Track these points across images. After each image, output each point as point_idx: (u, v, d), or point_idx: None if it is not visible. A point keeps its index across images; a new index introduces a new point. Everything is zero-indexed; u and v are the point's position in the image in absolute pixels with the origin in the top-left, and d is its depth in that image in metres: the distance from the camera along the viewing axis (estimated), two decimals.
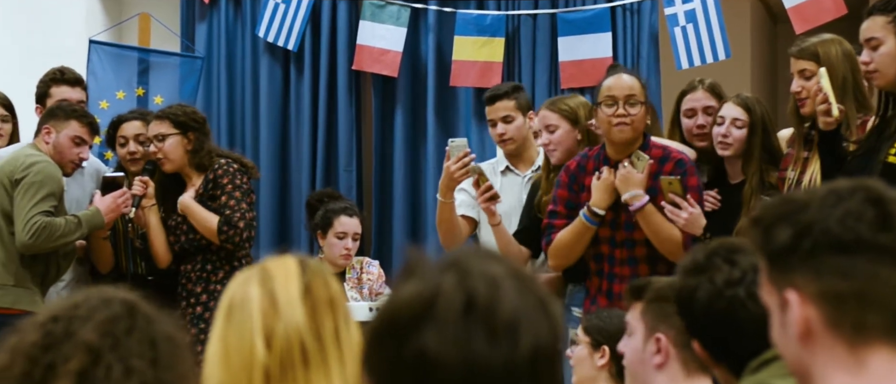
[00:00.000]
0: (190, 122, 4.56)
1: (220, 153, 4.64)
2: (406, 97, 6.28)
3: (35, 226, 4.16)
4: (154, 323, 1.56)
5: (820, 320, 1.34)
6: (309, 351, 1.73)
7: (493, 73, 6.06)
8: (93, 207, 4.38)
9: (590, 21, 5.96)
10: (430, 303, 1.25)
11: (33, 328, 1.52)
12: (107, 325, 1.51)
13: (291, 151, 6.36)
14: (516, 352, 1.24)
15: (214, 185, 4.51)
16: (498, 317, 1.24)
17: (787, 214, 1.38)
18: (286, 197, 6.35)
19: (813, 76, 3.73)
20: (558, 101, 4.37)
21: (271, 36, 6.26)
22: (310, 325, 1.75)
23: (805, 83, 3.78)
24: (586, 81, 5.84)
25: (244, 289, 1.77)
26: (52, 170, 4.28)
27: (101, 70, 5.93)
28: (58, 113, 4.42)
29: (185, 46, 6.36)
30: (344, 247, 5.00)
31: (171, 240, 4.60)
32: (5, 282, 4.22)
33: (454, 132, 6.24)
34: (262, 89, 6.34)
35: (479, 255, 1.30)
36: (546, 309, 1.29)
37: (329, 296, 1.79)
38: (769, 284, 1.40)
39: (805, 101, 3.78)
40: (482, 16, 6.11)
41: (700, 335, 2.08)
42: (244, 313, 1.75)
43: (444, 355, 1.23)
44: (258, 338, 1.73)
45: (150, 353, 1.52)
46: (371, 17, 6.16)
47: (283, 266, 1.80)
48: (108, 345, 1.50)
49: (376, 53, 6.17)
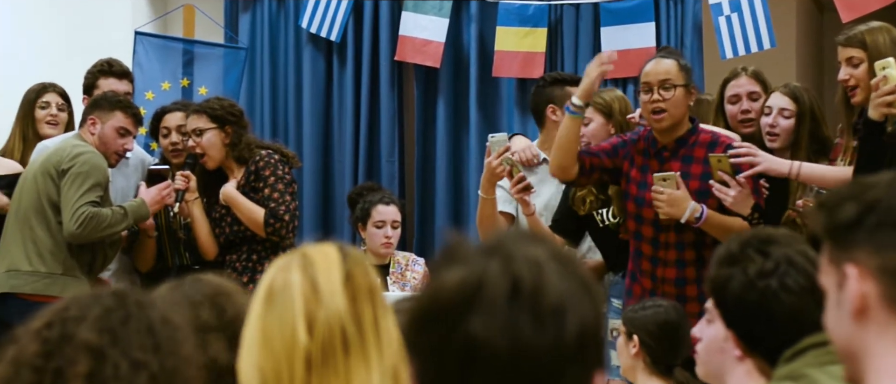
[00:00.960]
0: (227, 115, 4.58)
1: (260, 144, 4.66)
2: (448, 88, 6.28)
3: (82, 216, 4.20)
4: (147, 308, 1.56)
5: (877, 295, 1.34)
6: (349, 338, 1.73)
7: (535, 64, 6.04)
8: (138, 199, 4.42)
9: (633, 10, 5.93)
10: (476, 288, 1.26)
11: (30, 337, 1.52)
12: (102, 321, 1.51)
13: (334, 142, 6.38)
14: (563, 336, 1.25)
15: (256, 177, 4.53)
16: (544, 302, 1.25)
17: (853, 194, 1.39)
18: (329, 187, 6.38)
19: (860, 64, 3.70)
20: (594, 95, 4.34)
21: (314, 27, 6.28)
22: (350, 313, 1.75)
23: (852, 71, 3.74)
24: (629, 71, 5.80)
25: (285, 275, 1.77)
26: (98, 160, 4.32)
27: (147, 61, 5.98)
28: (102, 103, 4.46)
29: (228, 37, 6.39)
30: (384, 235, 5.02)
31: (216, 231, 4.63)
32: (54, 271, 4.26)
33: (496, 123, 6.23)
34: (304, 80, 6.36)
35: (521, 239, 1.31)
36: (589, 291, 1.29)
37: (369, 284, 1.80)
38: (829, 263, 1.41)
39: (855, 91, 3.74)
40: (525, 6, 6.10)
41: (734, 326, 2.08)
42: (286, 298, 1.75)
43: (491, 341, 1.23)
44: (300, 324, 1.73)
45: (150, 340, 1.52)
46: (413, 7, 6.17)
47: (323, 253, 1.80)
48: (108, 341, 1.49)
49: (419, 44, 6.17)
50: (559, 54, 6.12)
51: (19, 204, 4.31)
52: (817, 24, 8.00)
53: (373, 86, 6.33)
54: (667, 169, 3.90)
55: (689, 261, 3.87)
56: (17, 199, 4.32)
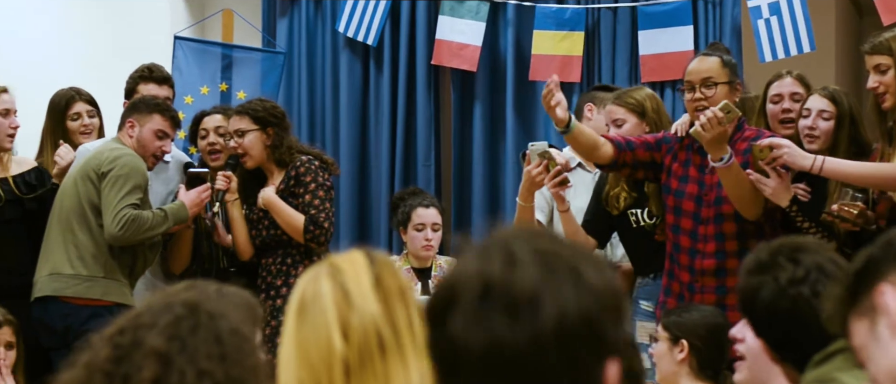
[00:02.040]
0: (269, 117, 4.60)
1: (301, 149, 4.67)
2: (485, 92, 6.28)
3: (124, 219, 4.23)
4: (217, 318, 1.58)
5: None
6: (385, 340, 1.74)
7: (572, 68, 6.03)
8: (178, 201, 4.44)
9: (671, 14, 5.90)
10: (452, 289, 1.27)
11: (103, 343, 1.54)
12: (172, 329, 1.53)
13: (371, 146, 6.40)
14: (538, 327, 1.22)
15: (297, 183, 4.55)
16: (514, 295, 1.23)
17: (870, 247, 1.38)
18: (365, 191, 6.40)
19: (888, 70, 3.68)
20: (624, 95, 4.34)
21: (351, 31, 6.30)
22: (384, 315, 1.76)
23: (881, 78, 3.73)
24: (667, 75, 5.80)
25: (315, 285, 1.78)
26: (137, 163, 4.35)
27: (186, 65, 6.02)
28: (141, 107, 4.48)
29: (266, 42, 6.43)
30: (424, 238, 5.03)
31: (253, 233, 4.65)
32: (95, 274, 4.29)
33: (533, 127, 6.22)
34: (341, 84, 6.39)
35: (509, 236, 1.29)
36: (579, 279, 1.25)
37: (399, 286, 1.80)
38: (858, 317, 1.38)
39: (885, 96, 3.73)
40: (562, 10, 6.09)
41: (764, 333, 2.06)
42: (318, 308, 1.76)
43: (468, 340, 1.23)
44: (335, 332, 1.73)
45: (218, 350, 1.54)
46: (450, 11, 6.18)
47: (350, 260, 1.81)
48: (176, 348, 1.51)
49: (455, 48, 6.18)
50: (596, 58, 6.11)
51: (61, 208, 4.34)
52: (856, 28, 7.93)
53: (409, 90, 6.34)
54: (708, 163, 3.88)
55: (730, 252, 3.86)
56: (59, 203, 4.35)
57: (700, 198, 3.91)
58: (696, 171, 3.96)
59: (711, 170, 3.90)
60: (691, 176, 3.93)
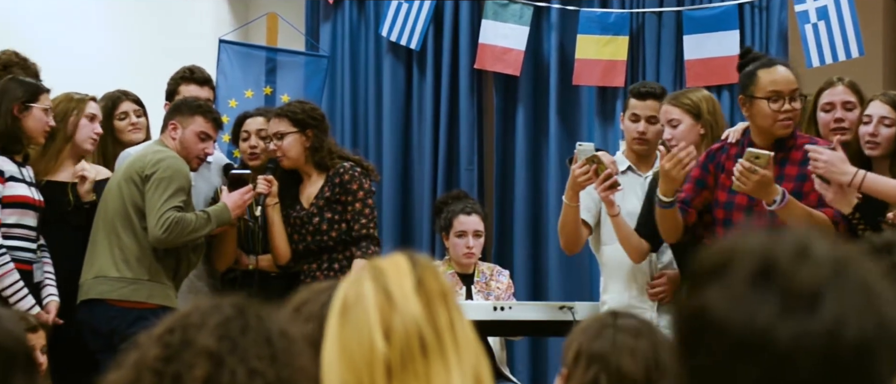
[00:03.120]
0: (308, 119, 4.60)
1: (341, 154, 4.66)
2: (528, 96, 6.27)
3: (168, 221, 4.24)
4: (266, 320, 1.59)
5: None
6: (427, 342, 1.74)
7: (616, 72, 6.00)
8: (220, 203, 4.46)
9: (717, 18, 5.86)
10: (726, 257, 1.17)
11: (152, 342, 1.54)
12: (222, 329, 1.53)
13: (413, 150, 6.40)
14: (809, 328, 1.11)
15: (343, 191, 4.54)
16: (795, 287, 1.12)
17: None
18: (408, 194, 6.40)
19: None
20: (681, 96, 4.28)
21: (394, 35, 6.31)
22: (426, 317, 1.76)
23: None
24: (713, 80, 5.74)
25: (357, 288, 1.79)
26: (180, 165, 4.37)
27: (231, 69, 6.05)
28: (183, 108, 4.50)
29: (309, 45, 6.45)
30: (465, 245, 5.02)
31: (295, 237, 4.65)
32: (140, 276, 4.31)
33: (576, 131, 6.20)
34: (384, 88, 6.40)
35: (811, 233, 1.19)
36: (872, 297, 1.13)
37: (441, 288, 1.81)
38: None
39: None
40: (606, 14, 6.06)
41: None
42: (360, 310, 1.76)
43: (725, 314, 1.13)
44: (377, 333, 1.74)
45: (268, 351, 1.54)
46: (494, 15, 6.17)
47: (392, 262, 1.82)
48: (227, 348, 1.52)
49: (499, 52, 6.17)
50: (641, 63, 6.07)
51: (105, 211, 4.36)
52: None
53: (452, 94, 6.34)
54: None
55: None
56: (103, 206, 4.38)
57: (750, 209, 3.84)
58: None
59: None
60: None
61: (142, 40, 6.43)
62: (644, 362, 2.20)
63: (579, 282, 6.00)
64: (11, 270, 4.15)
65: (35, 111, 4.28)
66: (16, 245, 4.21)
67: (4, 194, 4.19)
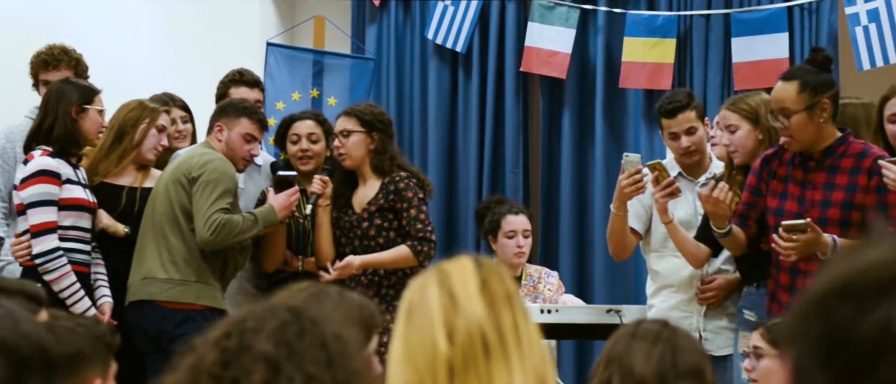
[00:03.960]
0: (376, 122, 4.59)
1: (401, 163, 4.64)
2: (574, 99, 6.24)
3: (215, 224, 4.25)
4: (321, 324, 1.58)
5: None
6: (490, 343, 1.75)
7: (663, 75, 5.97)
8: (267, 205, 4.46)
9: (765, 21, 5.81)
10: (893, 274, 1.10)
11: (208, 346, 1.54)
12: (279, 334, 1.52)
13: (459, 152, 6.39)
14: None
15: (398, 198, 4.53)
16: None
17: None
18: (453, 198, 6.40)
19: None
20: (738, 101, 4.23)
21: (440, 38, 6.31)
22: (489, 318, 1.77)
23: None
24: (761, 83, 5.68)
25: (422, 290, 1.80)
26: (227, 167, 4.38)
27: (278, 72, 6.07)
28: (229, 110, 4.51)
29: (355, 48, 6.46)
30: (516, 244, 5.01)
31: (343, 241, 4.64)
32: (188, 278, 4.32)
33: (623, 134, 6.17)
34: (430, 91, 6.40)
35: None
36: None
37: (506, 290, 1.81)
38: None
39: None
40: (653, 16, 6.03)
41: None
42: (424, 312, 1.78)
43: None
44: (440, 334, 1.75)
45: (324, 355, 1.54)
46: (540, 18, 6.15)
47: (458, 265, 1.83)
48: (284, 353, 1.51)
49: (545, 55, 6.16)
50: (688, 66, 6.03)
51: (153, 213, 4.38)
52: None
53: (498, 97, 6.33)
54: (811, 179, 3.78)
55: None
56: (151, 208, 4.39)
57: (800, 217, 3.79)
58: (797, 187, 3.84)
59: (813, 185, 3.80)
60: (791, 193, 3.82)
61: (190, 44, 6.47)
62: (657, 365, 2.22)
63: (625, 286, 5.97)
64: (68, 273, 4.18)
65: (91, 113, 4.31)
66: (72, 247, 4.24)
67: (62, 197, 4.23)
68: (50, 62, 4.73)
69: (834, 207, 3.75)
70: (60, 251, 4.18)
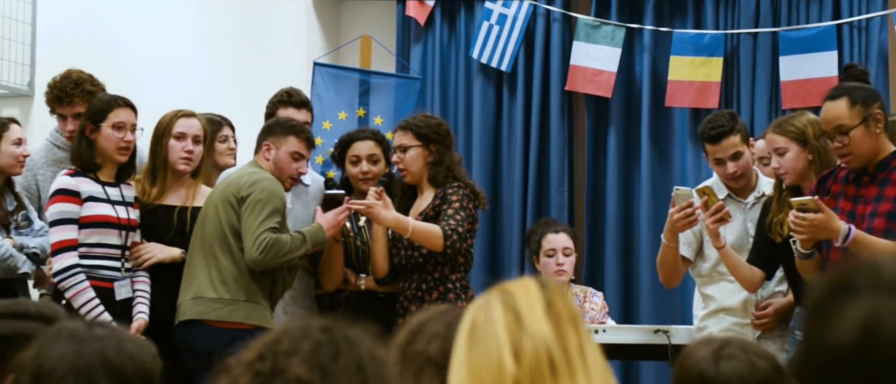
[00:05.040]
0: (432, 134, 4.59)
1: (458, 174, 4.63)
2: (620, 118, 6.22)
3: (264, 243, 4.26)
4: (356, 344, 1.56)
5: None
6: (557, 363, 1.73)
7: (710, 94, 5.93)
8: (315, 224, 4.46)
9: (814, 39, 5.76)
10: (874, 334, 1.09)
11: (242, 369, 1.53)
12: (313, 356, 1.51)
13: (503, 172, 6.38)
14: None
15: (443, 202, 4.54)
16: None
17: None
18: (498, 217, 6.38)
19: None
20: (784, 123, 4.19)
21: (485, 57, 6.31)
22: (556, 339, 1.75)
23: None
24: (810, 102, 5.64)
25: (486, 310, 1.79)
26: (275, 186, 4.38)
27: (325, 91, 6.09)
28: (276, 129, 4.52)
29: (401, 67, 6.48)
30: (555, 263, 5.00)
31: (392, 252, 4.64)
32: (237, 298, 4.33)
33: (669, 153, 6.14)
34: (475, 109, 6.39)
35: None
36: None
37: (570, 311, 1.80)
38: None
39: None
40: (700, 35, 6.00)
41: None
42: (489, 332, 1.76)
43: None
44: (506, 354, 1.73)
45: (359, 377, 1.52)
46: (585, 37, 6.14)
47: (522, 286, 1.82)
48: (318, 377, 1.50)
49: (590, 74, 6.14)
50: (735, 84, 6.00)
51: (202, 233, 4.39)
52: None
53: (543, 116, 6.31)
54: (863, 194, 3.74)
55: None
56: (200, 228, 4.41)
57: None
58: (848, 202, 3.80)
59: (865, 200, 3.76)
60: (841, 208, 3.78)
61: (236, 63, 6.51)
62: None
63: (671, 305, 5.93)
64: (86, 289, 4.21)
65: (104, 130, 4.32)
66: (96, 264, 4.27)
67: (83, 214, 4.26)
68: (63, 98, 4.69)
69: (879, 218, 3.71)
70: (78, 268, 4.21)
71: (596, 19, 6.15)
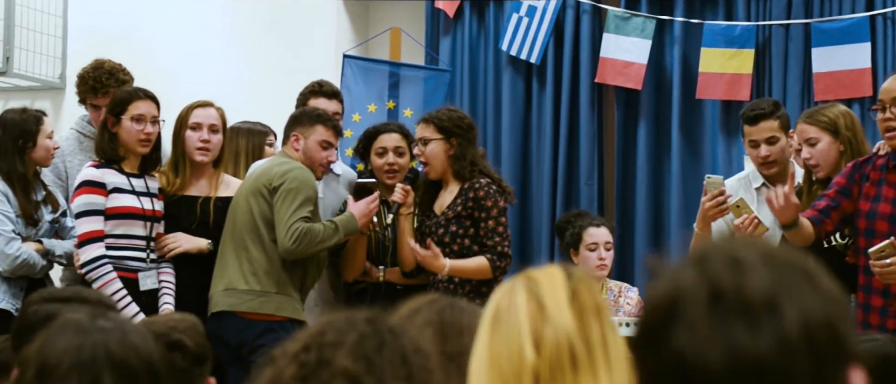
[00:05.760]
0: (454, 127, 4.58)
1: (483, 168, 4.61)
2: (650, 110, 6.18)
3: (296, 232, 4.27)
4: (401, 336, 1.56)
5: None
6: (578, 355, 1.72)
7: (741, 86, 5.89)
8: (347, 213, 4.47)
9: (847, 30, 5.71)
10: (672, 302, 1.17)
11: (287, 360, 1.53)
12: (358, 348, 1.51)
13: (533, 164, 6.36)
14: (783, 330, 1.13)
15: (477, 206, 4.51)
16: (750, 299, 1.14)
17: None
18: (527, 209, 6.36)
19: None
20: (816, 113, 4.16)
21: (514, 49, 6.29)
22: (578, 330, 1.74)
23: None
24: (842, 93, 5.60)
25: (510, 297, 1.77)
26: (307, 175, 4.39)
27: (354, 84, 6.09)
28: (303, 119, 4.52)
29: (430, 59, 6.47)
30: (598, 257, 4.99)
31: (421, 245, 4.64)
32: (269, 289, 4.34)
33: (699, 146, 6.10)
34: (504, 102, 6.38)
35: (725, 244, 1.21)
36: (813, 281, 1.17)
37: (595, 302, 1.78)
38: None
39: None
40: (731, 26, 5.95)
41: None
42: (512, 319, 1.75)
43: (701, 354, 1.14)
44: (527, 343, 1.72)
45: (404, 369, 1.52)
46: (615, 29, 6.10)
47: (548, 274, 1.80)
48: (364, 368, 1.50)
49: (620, 66, 6.11)
50: (767, 76, 5.95)
51: (233, 224, 4.41)
52: None
53: (572, 108, 6.29)
54: None
55: None
56: (231, 220, 4.43)
57: (894, 217, 3.74)
58: (891, 189, 3.79)
59: None
60: (884, 195, 3.76)
61: (266, 57, 6.53)
62: None
63: None
64: (114, 279, 4.25)
65: (124, 122, 4.35)
66: (122, 255, 4.31)
67: (108, 206, 4.29)
68: (98, 88, 4.71)
69: None
70: (105, 259, 4.25)
71: (626, 11, 6.12)
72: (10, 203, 4.44)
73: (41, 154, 4.56)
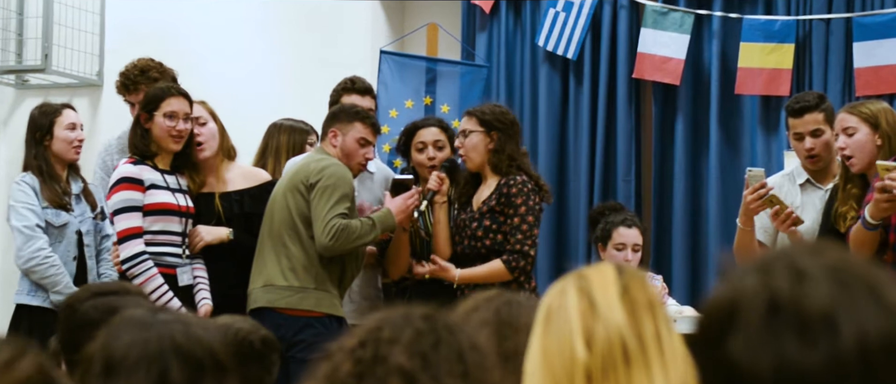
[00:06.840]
0: (495, 121, 4.57)
1: (521, 165, 4.60)
2: (688, 105, 6.14)
3: (334, 229, 4.27)
4: (457, 333, 1.55)
5: None
6: (630, 351, 1.70)
7: (781, 81, 5.83)
8: (384, 209, 4.47)
9: (889, 24, 5.64)
10: (731, 308, 1.18)
11: (343, 355, 1.53)
12: (414, 345, 1.51)
13: (570, 160, 6.33)
14: (837, 348, 1.12)
15: (507, 203, 4.50)
16: (807, 313, 1.14)
17: None
18: (564, 205, 6.33)
19: None
20: (859, 105, 4.12)
21: (551, 45, 6.26)
22: (630, 326, 1.72)
23: None
24: (884, 88, 5.54)
25: (561, 295, 1.77)
26: (344, 172, 4.39)
27: (391, 79, 6.08)
28: (341, 116, 4.52)
29: (466, 55, 6.45)
30: (623, 258, 4.93)
31: (456, 239, 4.63)
32: (307, 285, 4.35)
33: (738, 142, 6.05)
34: (541, 98, 6.35)
35: (793, 251, 1.21)
36: (877, 295, 1.16)
37: (648, 298, 1.76)
38: None
39: None
40: (771, 21, 5.90)
41: None
42: (563, 317, 1.74)
43: (753, 363, 1.15)
44: (578, 340, 1.71)
45: (460, 367, 1.51)
46: (653, 24, 6.06)
47: (599, 271, 1.79)
48: (420, 365, 1.49)
49: (658, 61, 6.06)
50: (807, 71, 5.89)
51: (271, 221, 4.42)
52: None
53: (610, 104, 6.25)
54: None
55: None
56: (269, 217, 4.44)
57: None
58: None
59: None
60: None
61: (302, 53, 6.53)
62: None
63: None
64: (155, 275, 4.27)
65: (157, 118, 4.36)
66: (161, 251, 4.32)
67: (146, 202, 4.31)
68: (129, 86, 4.80)
69: None
70: (146, 255, 4.27)
71: (664, 6, 6.08)
72: (38, 196, 4.49)
73: (60, 146, 4.60)
